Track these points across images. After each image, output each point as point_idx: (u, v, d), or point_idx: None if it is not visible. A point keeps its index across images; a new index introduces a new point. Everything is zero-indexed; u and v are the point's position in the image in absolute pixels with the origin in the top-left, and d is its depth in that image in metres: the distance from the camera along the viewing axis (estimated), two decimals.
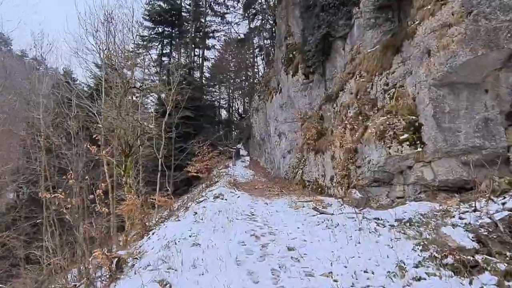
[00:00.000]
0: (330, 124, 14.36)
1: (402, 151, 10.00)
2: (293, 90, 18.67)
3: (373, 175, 10.86)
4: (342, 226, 7.76)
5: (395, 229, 7.22)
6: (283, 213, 10.29)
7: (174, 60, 31.36)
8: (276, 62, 22.53)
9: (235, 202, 12.17)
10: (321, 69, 16.32)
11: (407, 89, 10.63)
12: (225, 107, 52.57)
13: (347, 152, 11.91)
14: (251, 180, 20.78)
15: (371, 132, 10.72)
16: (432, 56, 9.68)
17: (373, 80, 12.06)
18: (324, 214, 9.46)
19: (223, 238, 6.47)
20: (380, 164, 10.47)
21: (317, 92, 16.87)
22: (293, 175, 17.83)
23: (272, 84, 22.83)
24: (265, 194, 15.11)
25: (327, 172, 13.58)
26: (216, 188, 15.39)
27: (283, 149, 20.14)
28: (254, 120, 28.74)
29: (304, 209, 10.61)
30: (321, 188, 13.91)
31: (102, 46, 14.99)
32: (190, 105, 26.80)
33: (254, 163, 28.29)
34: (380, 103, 11.56)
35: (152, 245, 7.02)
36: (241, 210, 10.67)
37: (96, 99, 15.93)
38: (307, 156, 15.75)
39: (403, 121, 10.20)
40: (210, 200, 11.67)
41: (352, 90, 13.18)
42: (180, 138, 23.34)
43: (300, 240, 6.62)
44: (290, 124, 18.94)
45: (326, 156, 13.71)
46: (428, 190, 9.99)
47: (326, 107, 14.90)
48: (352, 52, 14.27)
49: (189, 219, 8.12)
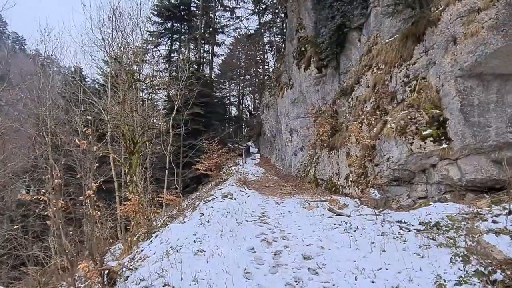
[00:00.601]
0: (345, 120, 13.61)
1: (425, 147, 9.23)
2: (305, 85, 17.93)
3: (392, 174, 10.11)
4: (362, 229, 7.06)
5: (422, 234, 6.50)
6: (296, 214, 9.63)
7: (182, 55, 30.80)
8: (287, 56, 21.79)
9: (244, 202, 11.55)
10: (335, 62, 15.55)
11: (430, 81, 9.84)
12: (235, 104, 52.02)
13: (364, 149, 11.17)
14: (262, 178, 20.13)
15: (390, 128, 9.96)
16: (458, 44, 8.89)
17: (392, 72, 11.27)
18: (341, 216, 8.77)
19: (231, 244, 5.84)
20: (400, 162, 9.71)
21: (330, 86, 16.11)
22: (305, 173, 17.13)
23: (283, 79, 22.10)
24: (276, 193, 14.45)
25: (342, 170, 12.85)
26: (225, 187, 14.79)
27: (294, 146, 19.44)
28: (265, 116, 28.04)
29: (318, 210, 9.92)
30: (335, 187, 13.19)
31: (108, 40, 14.56)
32: (199, 101, 26.31)
33: (265, 161, 27.63)
34: (400, 97, 10.78)
35: (154, 249, 6.44)
36: (251, 211, 10.05)
37: (102, 95, 15.50)
38: (320, 153, 15.03)
39: (426, 116, 9.43)
40: (218, 200, 11.07)
41: (369, 83, 12.40)
42: (188, 135, 22.81)
43: (316, 246, 5.95)
44: (302, 120, 18.21)
45: (340, 153, 12.97)
46: (454, 190, 9.20)
47: (341, 102, 14.14)
48: (368, 43, 13.48)
49: (194, 221, 7.52)
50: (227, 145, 30.39)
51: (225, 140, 31.77)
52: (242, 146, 33.33)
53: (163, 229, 7.62)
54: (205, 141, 20.54)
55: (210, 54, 35.96)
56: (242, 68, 48.89)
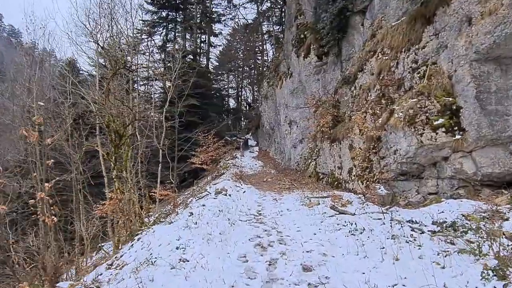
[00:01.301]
0: (348, 110, 12.76)
1: (436, 139, 8.43)
2: (304, 74, 17.04)
3: (400, 168, 9.31)
4: (369, 231, 6.28)
5: (438, 237, 5.70)
6: (295, 212, 8.83)
7: (178, 45, 29.81)
8: (286, 44, 20.83)
9: (240, 198, 10.76)
10: (337, 49, 14.65)
11: (442, 66, 9.01)
12: (234, 96, 51.06)
13: (368, 140, 10.34)
14: (260, 172, 19.34)
15: (398, 117, 9.12)
16: (474, 25, 8.06)
17: (399, 58, 10.41)
18: (344, 215, 7.98)
19: (219, 251, 5.03)
20: (409, 154, 8.90)
21: (331, 75, 15.23)
22: (305, 167, 16.33)
23: (282, 68, 21.17)
24: (275, 188, 13.66)
25: (345, 163, 12.04)
26: (221, 182, 14.01)
27: (294, 139, 18.60)
28: (263, 108, 27.16)
29: (319, 207, 9.13)
30: (337, 182, 12.39)
31: (96, 28, 13.62)
32: (195, 92, 25.42)
33: (263, 154, 26.83)
34: (407, 84, 9.93)
35: (134, 255, 5.64)
36: (246, 209, 9.25)
37: (91, 86, 14.64)
38: (321, 145, 14.20)
39: (438, 104, 8.60)
40: (211, 197, 10.28)
41: (373, 70, 11.54)
42: (183, 127, 21.97)
43: (318, 253, 5.14)
44: (302, 111, 17.35)
45: (343, 145, 12.15)
46: (468, 185, 8.43)
47: (343, 91, 13.27)
48: (372, 27, 12.57)
49: (181, 222, 6.72)
50: (225, 137, 29.57)
51: (223, 133, 30.95)
52: (240, 139, 32.49)
53: (147, 231, 6.82)
54: (201, 134, 19.69)
55: (207, 44, 34.91)
56: (241, 59, 47.87)
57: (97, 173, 18.45)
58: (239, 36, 46.70)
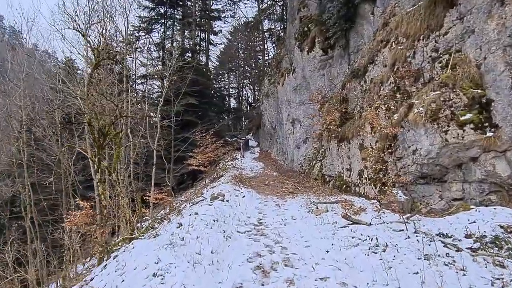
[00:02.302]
0: (357, 106, 11.63)
1: (463, 136, 7.30)
2: (308, 69, 15.92)
3: (419, 170, 8.19)
4: (392, 248, 5.15)
5: (482, 258, 4.58)
6: (301, 221, 7.71)
7: (175, 42, 28.73)
8: (288, 39, 19.72)
9: (238, 204, 9.64)
10: (344, 41, 13.54)
11: (468, 54, 7.92)
12: (235, 96, 49.92)
13: (382, 139, 9.22)
14: (261, 174, 18.20)
15: (418, 112, 7.99)
16: (507, 5, 6.97)
17: (416, 47, 9.31)
18: (359, 225, 6.86)
19: (208, 280, 3.91)
20: (431, 155, 7.77)
21: (338, 69, 14.11)
22: (309, 168, 15.20)
23: (284, 64, 20.05)
24: (277, 192, 12.53)
25: (354, 165, 10.91)
26: (218, 185, 12.90)
27: (297, 138, 17.47)
28: (264, 107, 26.02)
29: (328, 215, 8.01)
30: (346, 185, 11.27)
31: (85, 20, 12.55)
32: (194, 91, 24.35)
33: (265, 155, 25.68)
34: (427, 75, 8.82)
35: (106, 279, 4.56)
36: (245, 217, 8.13)
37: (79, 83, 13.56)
38: (327, 145, 13.07)
39: (464, 97, 7.49)
40: (206, 202, 9.15)
41: (386, 61, 10.43)
42: (178, 126, 20.86)
43: (336, 281, 4.00)
44: (306, 109, 16.24)
45: (352, 145, 11.03)
46: (502, 190, 7.28)
47: (351, 86, 12.15)
48: (384, 15, 11.47)
49: (166, 235, 5.60)
50: (224, 138, 28.45)
51: (222, 133, 29.84)
52: (241, 139, 31.34)
53: (127, 247, 5.71)
54: (198, 134, 18.57)
55: (206, 42, 33.77)
56: (241, 59, 46.83)
57: (90, 176, 17.39)
58: (240, 35, 45.73)
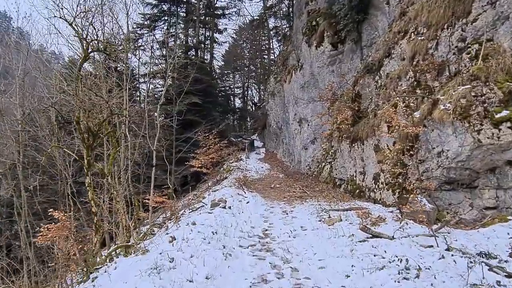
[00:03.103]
0: (372, 103, 10.70)
1: (499, 136, 6.37)
2: (317, 65, 15.00)
3: (446, 174, 7.26)
4: (426, 271, 4.25)
5: None
6: (312, 232, 6.79)
7: (179, 40, 27.92)
8: (296, 34, 18.81)
9: (242, 211, 8.76)
10: (356, 34, 12.60)
11: (502, 43, 7.01)
12: (240, 96, 49.07)
13: (401, 140, 8.28)
14: (266, 176, 17.30)
15: (445, 109, 7.05)
16: None
17: (439, 36, 8.38)
18: (380, 239, 5.93)
19: None
20: (461, 157, 6.83)
21: (349, 64, 13.17)
22: (318, 171, 14.27)
23: (291, 61, 19.12)
24: (284, 196, 11.63)
25: (369, 168, 9.98)
26: (221, 189, 12.04)
27: (304, 139, 16.55)
28: (270, 106, 25.12)
29: (342, 225, 7.08)
30: (359, 190, 10.34)
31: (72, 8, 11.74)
32: (197, 90, 23.53)
33: (270, 156, 24.78)
34: (453, 67, 7.89)
35: None
36: (248, 227, 7.24)
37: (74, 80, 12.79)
38: (338, 146, 12.13)
39: (499, 91, 6.56)
40: (205, 210, 8.28)
41: (404, 54, 9.49)
42: (180, 126, 20.02)
43: None
44: (314, 107, 15.31)
45: (366, 146, 10.10)
46: None
47: (365, 81, 11.21)
48: (401, 4, 10.53)
49: (154, 255, 4.70)
50: (229, 138, 27.60)
51: (227, 133, 29.01)
52: (246, 139, 30.44)
53: (108, 266, 4.85)
54: (201, 134, 17.70)
55: (210, 40, 32.93)
56: (247, 58, 46.00)
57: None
58: (245, 34, 44.94)
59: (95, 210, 8.45)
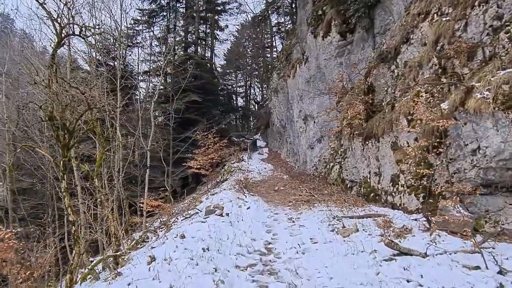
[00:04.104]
0: (387, 95, 9.53)
1: None
2: (324, 58, 13.84)
3: (483, 175, 6.08)
4: None
5: None
6: (324, 247, 5.64)
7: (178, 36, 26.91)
8: (300, 26, 17.66)
9: (241, 219, 7.63)
10: (367, 20, 11.44)
11: None
12: (242, 95, 48.03)
13: (426, 135, 7.11)
14: (269, 177, 16.15)
15: (482, 98, 5.88)
16: None
17: (469, 15, 7.19)
18: (411, 256, 4.79)
19: None
20: (503, 155, 5.68)
21: (360, 54, 12.01)
22: (326, 172, 13.11)
23: (295, 54, 17.96)
24: (289, 200, 10.49)
25: (385, 168, 8.82)
26: (219, 192, 10.93)
27: (310, 137, 15.39)
28: (273, 103, 23.97)
29: (360, 236, 5.95)
30: (374, 193, 9.17)
31: None
32: (197, 87, 22.49)
33: (274, 156, 23.63)
34: (487, 50, 6.69)
35: None
36: (248, 240, 6.10)
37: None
38: (349, 144, 10.98)
39: None
40: (199, 219, 7.15)
41: (426, 38, 8.33)
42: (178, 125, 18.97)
43: None
44: (321, 103, 14.16)
45: (382, 143, 8.94)
46: None
47: (379, 72, 10.05)
48: None
49: (128, 279, 3.62)
50: (231, 138, 26.51)
51: (229, 132, 27.94)
52: (248, 139, 29.30)
53: None
54: (200, 133, 16.62)
55: (211, 36, 31.82)
56: (249, 57, 45.01)
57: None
58: (247, 32, 43.97)
59: (72, 219, 7.36)
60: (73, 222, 7.45)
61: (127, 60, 23.76)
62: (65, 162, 7.23)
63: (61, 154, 7.18)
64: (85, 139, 14.82)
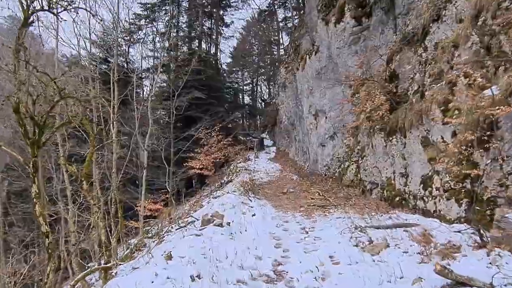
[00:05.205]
0: (414, 83, 8.22)
1: None
2: (336, 46, 12.56)
3: None
4: None
5: None
6: (349, 269, 4.40)
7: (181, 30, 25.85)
8: (309, 15, 16.36)
9: (245, 229, 6.43)
10: (387, 1, 10.14)
11: None
12: (249, 93, 46.94)
13: (469, 128, 5.80)
14: (277, 178, 14.91)
15: None
16: None
17: None
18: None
19: None
20: None
21: (379, 39, 10.70)
22: (340, 172, 11.83)
23: (304, 45, 16.66)
24: (300, 205, 9.25)
25: (414, 168, 7.53)
26: (222, 195, 9.74)
27: (322, 134, 14.11)
28: (281, 99, 22.72)
29: (394, 254, 4.70)
30: (399, 197, 7.89)
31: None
32: (201, 84, 21.43)
33: (281, 155, 22.38)
34: None
35: None
36: (252, 259, 4.88)
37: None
38: (368, 141, 9.70)
39: None
40: (193, 231, 5.94)
41: (462, 14, 7.03)
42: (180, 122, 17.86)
43: None
44: (332, 96, 12.89)
45: (409, 139, 7.66)
46: None
47: (403, 57, 8.75)
48: None
49: None
50: (237, 136, 25.39)
51: (236, 131, 26.82)
52: (255, 138, 28.12)
53: None
54: (202, 130, 15.46)
55: (215, 31, 30.69)
56: (255, 55, 43.97)
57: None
58: (254, 30, 42.91)
59: (45, 230, 6.27)
60: (46, 234, 6.34)
61: (127, 58, 22.81)
62: (36, 162, 6.10)
63: (31, 152, 6.06)
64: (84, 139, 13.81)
